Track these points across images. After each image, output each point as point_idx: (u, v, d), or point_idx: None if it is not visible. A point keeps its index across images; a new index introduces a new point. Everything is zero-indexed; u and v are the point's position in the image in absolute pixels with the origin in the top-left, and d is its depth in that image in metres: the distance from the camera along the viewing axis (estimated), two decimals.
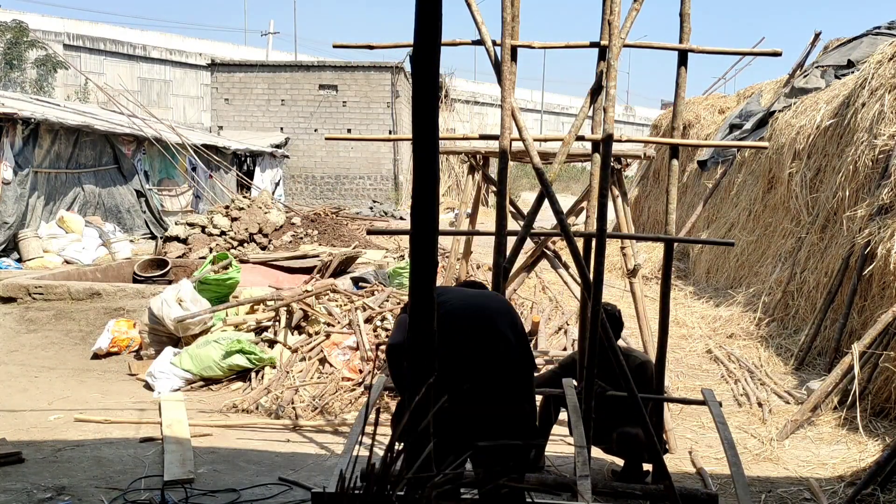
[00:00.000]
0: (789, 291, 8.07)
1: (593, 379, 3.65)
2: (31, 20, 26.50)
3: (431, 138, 1.52)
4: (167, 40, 32.30)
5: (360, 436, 2.16)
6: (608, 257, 8.11)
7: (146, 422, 5.30)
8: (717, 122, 13.74)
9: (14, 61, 23.81)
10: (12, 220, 10.39)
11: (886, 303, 5.83)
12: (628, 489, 3.88)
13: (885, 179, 6.63)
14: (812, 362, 6.85)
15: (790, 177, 9.15)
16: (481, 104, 39.00)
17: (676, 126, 4.05)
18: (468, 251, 6.00)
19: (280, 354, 6.31)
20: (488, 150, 5.46)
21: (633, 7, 3.74)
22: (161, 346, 6.59)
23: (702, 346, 7.75)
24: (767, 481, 4.41)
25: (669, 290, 3.95)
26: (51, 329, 7.37)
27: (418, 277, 1.58)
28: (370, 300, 7.06)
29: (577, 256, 3.70)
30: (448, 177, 28.24)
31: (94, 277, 8.93)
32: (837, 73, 10.06)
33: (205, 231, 11.33)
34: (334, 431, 5.24)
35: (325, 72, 25.27)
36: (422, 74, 1.49)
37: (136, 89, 28.05)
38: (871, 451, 4.74)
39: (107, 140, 13.20)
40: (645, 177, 16.25)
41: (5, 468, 4.32)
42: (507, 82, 3.64)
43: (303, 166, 25.47)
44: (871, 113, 7.24)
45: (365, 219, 18.45)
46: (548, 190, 3.70)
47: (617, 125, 3.66)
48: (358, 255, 10.25)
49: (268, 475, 4.37)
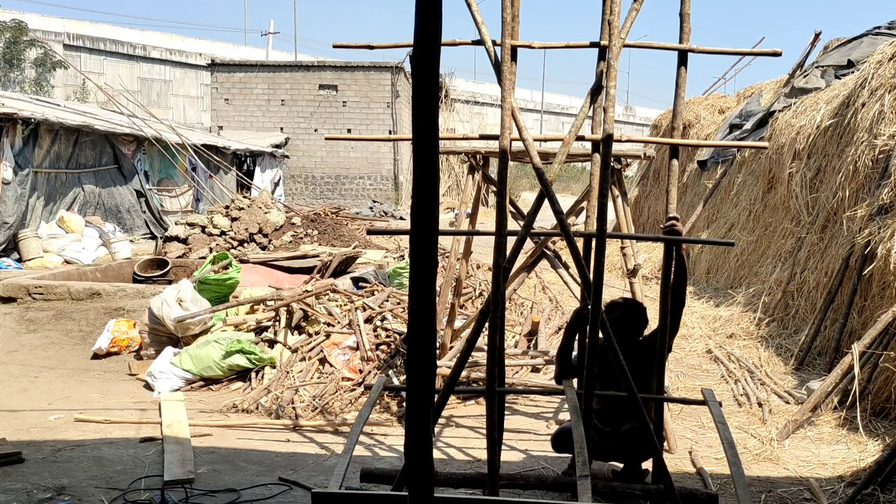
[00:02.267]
0: (789, 291, 8.07)
1: (594, 379, 3.65)
2: (31, 20, 26.50)
3: (431, 138, 1.51)
4: (167, 40, 32.29)
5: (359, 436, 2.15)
6: (608, 257, 8.12)
7: (146, 422, 5.30)
8: (717, 122, 13.74)
9: (13, 61, 23.80)
10: (12, 220, 10.39)
11: (886, 303, 5.82)
12: (628, 489, 3.87)
13: (885, 179, 6.63)
14: (812, 362, 6.85)
15: (790, 177, 9.15)
16: (481, 104, 39.00)
17: (676, 126, 4.04)
18: (468, 251, 6.00)
19: (280, 354, 6.31)
20: (488, 150, 5.45)
21: (633, 7, 3.73)
22: (161, 346, 6.59)
23: (702, 346, 7.75)
24: (767, 481, 4.41)
25: (669, 290, 3.95)
26: (51, 329, 7.37)
27: (418, 277, 1.57)
28: (370, 300, 7.06)
29: (577, 256, 3.70)
30: (448, 177, 28.25)
31: (94, 277, 8.93)
32: (837, 73, 10.06)
33: (205, 231, 11.33)
34: (334, 431, 5.24)
35: (325, 72, 25.27)
36: (422, 74, 1.49)
37: (136, 89, 28.05)
38: (871, 451, 4.73)
39: (107, 140, 13.20)
40: (645, 177, 16.25)
41: (5, 468, 4.32)
42: (507, 82, 3.64)
43: (303, 166, 25.47)
44: (871, 113, 7.23)
45: (365, 219, 18.45)
46: (548, 190, 3.70)
47: (617, 125, 3.66)
48: (358, 255, 10.25)
49: (268, 475, 4.37)
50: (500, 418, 3.86)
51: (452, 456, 4.77)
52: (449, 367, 4.64)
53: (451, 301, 6.03)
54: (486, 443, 3.48)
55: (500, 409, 3.87)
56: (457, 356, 4.07)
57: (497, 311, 3.51)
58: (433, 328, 1.66)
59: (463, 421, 5.47)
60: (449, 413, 5.57)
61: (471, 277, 9.41)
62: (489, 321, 3.54)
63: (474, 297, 8.95)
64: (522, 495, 3.83)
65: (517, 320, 8.40)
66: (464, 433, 5.22)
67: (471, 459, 4.70)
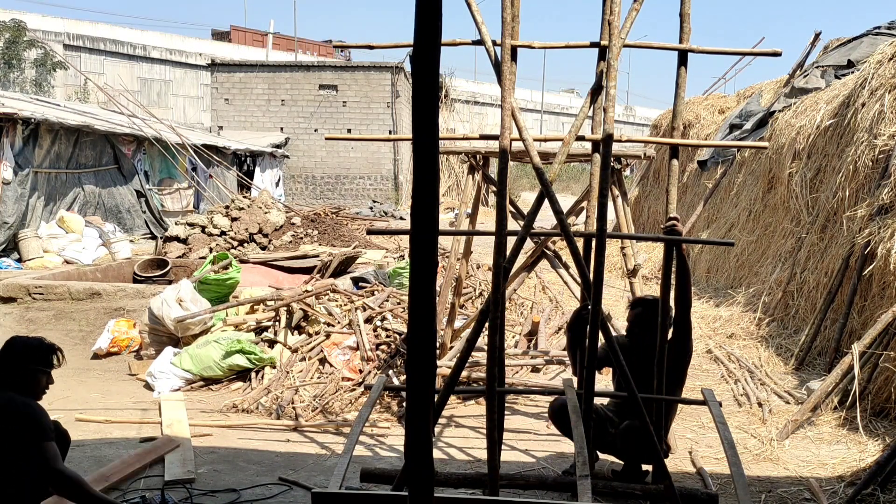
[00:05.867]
0: (789, 291, 8.07)
1: (593, 380, 3.65)
2: (31, 20, 26.49)
3: (431, 138, 1.52)
4: (167, 40, 32.29)
5: (359, 436, 2.16)
6: (608, 257, 8.11)
7: (146, 422, 5.30)
8: (717, 122, 13.74)
9: (13, 61, 23.80)
10: (12, 220, 10.39)
11: (886, 303, 5.82)
12: (628, 489, 3.88)
13: (885, 179, 6.63)
14: (812, 362, 6.85)
15: (790, 177, 9.15)
16: (481, 104, 39.01)
17: (676, 126, 4.04)
18: (468, 251, 6.00)
19: (280, 354, 6.31)
20: (488, 150, 5.45)
21: (633, 7, 3.73)
22: (161, 346, 6.59)
23: (702, 346, 7.75)
24: (767, 481, 4.41)
25: (669, 290, 3.95)
26: (51, 329, 7.37)
27: (418, 277, 1.57)
28: (370, 300, 7.06)
29: (577, 256, 3.70)
30: (448, 177, 28.25)
31: (94, 277, 8.93)
32: (837, 73, 10.06)
33: (205, 231, 11.33)
34: (334, 431, 5.25)
35: (325, 72, 25.28)
36: (422, 74, 1.49)
37: (136, 89, 28.06)
38: (871, 451, 4.74)
39: (107, 140, 13.20)
40: (645, 177, 16.24)
41: None
42: (507, 82, 3.64)
43: (303, 166, 25.47)
44: (871, 113, 7.23)
45: (365, 219, 18.46)
46: (548, 190, 3.70)
47: (617, 125, 3.66)
48: (358, 255, 10.25)
49: (268, 475, 4.37)
50: (500, 418, 3.86)
51: (452, 456, 4.77)
52: (449, 367, 4.64)
53: (451, 301, 6.03)
54: (487, 443, 3.48)
55: (500, 409, 3.87)
56: (457, 356, 4.07)
57: (497, 311, 3.51)
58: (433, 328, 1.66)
59: (463, 421, 5.47)
60: (449, 413, 5.58)
61: (471, 277, 9.41)
62: (489, 321, 3.55)
63: (474, 297, 8.95)
64: (522, 495, 3.83)
65: (517, 320, 8.40)
66: (464, 433, 5.22)
67: (471, 459, 4.70)
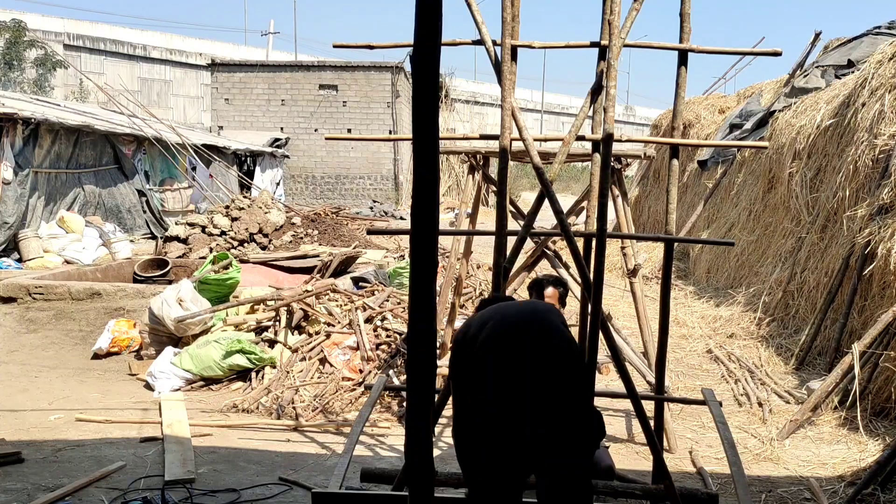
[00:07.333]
0: (789, 291, 8.07)
1: (593, 378, 3.65)
2: (31, 20, 26.48)
3: (431, 138, 1.52)
4: (167, 40, 32.29)
5: (359, 435, 2.16)
6: (608, 257, 8.12)
7: (147, 422, 5.30)
8: (717, 122, 13.74)
9: (13, 61, 23.79)
10: (12, 220, 10.38)
11: (886, 302, 5.83)
12: (628, 489, 3.88)
13: (885, 179, 6.63)
14: (812, 362, 6.85)
15: (790, 177, 9.15)
16: (481, 104, 38.98)
17: (676, 126, 4.05)
18: (468, 251, 6.00)
19: (280, 354, 6.32)
20: (488, 150, 5.46)
21: (633, 7, 3.73)
22: (161, 346, 6.59)
23: (702, 345, 7.75)
24: (768, 481, 4.41)
25: (669, 289, 3.95)
26: (51, 329, 7.37)
27: (418, 277, 1.58)
28: (370, 300, 7.06)
29: (577, 256, 3.70)
30: (448, 177, 28.23)
31: (94, 277, 8.93)
32: (837, 72, 10.06)
33: (205, 231, 11.32)
34: (335, 431, 5.25)
35: (325, 72, 25.26)
36: (422, 74, 1.50)
37: (137, 89, 28.03)
38: (871, 450, 4.74)
39: (107, 140, 13.20)
40: (645, 177, 16.25)
41: (5, 468, 4.32)
42: (507, 82, 3.64)
43: (303, 166, 25.46)
44: (872, 113, 7.24)
45: (365, 219, 18.44)
46: (548, 190, 3.70)
47: (617, 125, 3.66)
48: (358, 255, 10.25)
49: (268, 475, 4.37)
50: None
51: (453, 456, 4.77)
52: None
53: (452, 301, 6.03)
54: None
55: None
56: None
57: None
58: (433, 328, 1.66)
59: None
60: (449, 413, 5.57)
61: (471, 277, 9.41)
62: None
63: (474, 297, 8.95)
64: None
65: None
66: None
67: None
